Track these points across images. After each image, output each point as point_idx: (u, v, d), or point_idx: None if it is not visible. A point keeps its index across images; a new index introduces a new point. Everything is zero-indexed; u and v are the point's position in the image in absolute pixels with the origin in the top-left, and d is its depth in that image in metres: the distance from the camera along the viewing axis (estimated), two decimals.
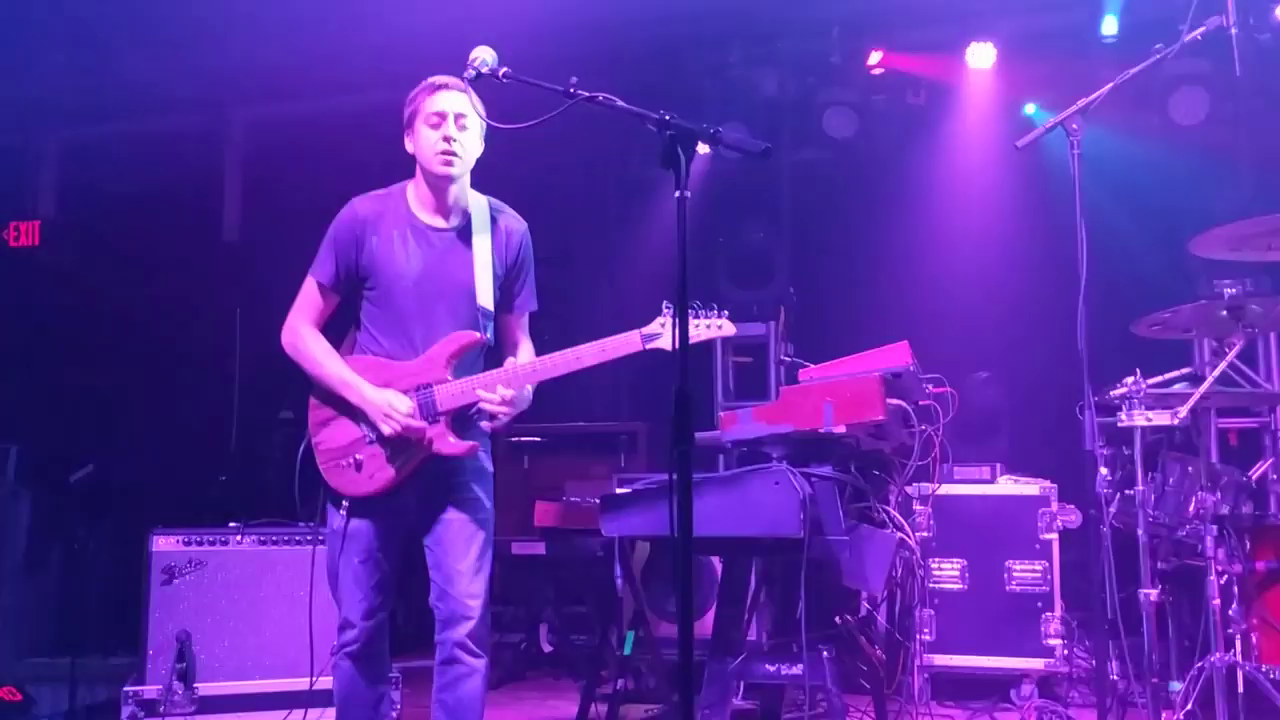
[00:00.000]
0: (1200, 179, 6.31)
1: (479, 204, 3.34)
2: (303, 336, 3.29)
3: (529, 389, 3.27)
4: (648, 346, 3.17)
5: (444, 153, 3.20)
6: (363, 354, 3.29)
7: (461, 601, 3.16)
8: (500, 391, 3.16)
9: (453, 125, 3.20)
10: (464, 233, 3.30)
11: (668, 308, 3.14)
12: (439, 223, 3.29)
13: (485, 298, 3.27)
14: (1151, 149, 6.49)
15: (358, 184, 3.40)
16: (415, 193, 3.31)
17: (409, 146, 3.29)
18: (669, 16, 7.19)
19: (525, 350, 3.38)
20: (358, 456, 3.21)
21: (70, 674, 4.71)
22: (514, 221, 3.39)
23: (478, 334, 3.25)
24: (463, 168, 3.25)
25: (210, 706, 4.59)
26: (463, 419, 3.24)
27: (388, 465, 3.19)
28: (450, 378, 3.20)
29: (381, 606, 3.25)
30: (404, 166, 3.36)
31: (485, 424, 3.29)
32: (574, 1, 6.85)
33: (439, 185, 3.26)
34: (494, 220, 3.34)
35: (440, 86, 3.22)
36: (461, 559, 3.19)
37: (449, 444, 3.19)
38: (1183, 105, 6.24)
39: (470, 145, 3.25)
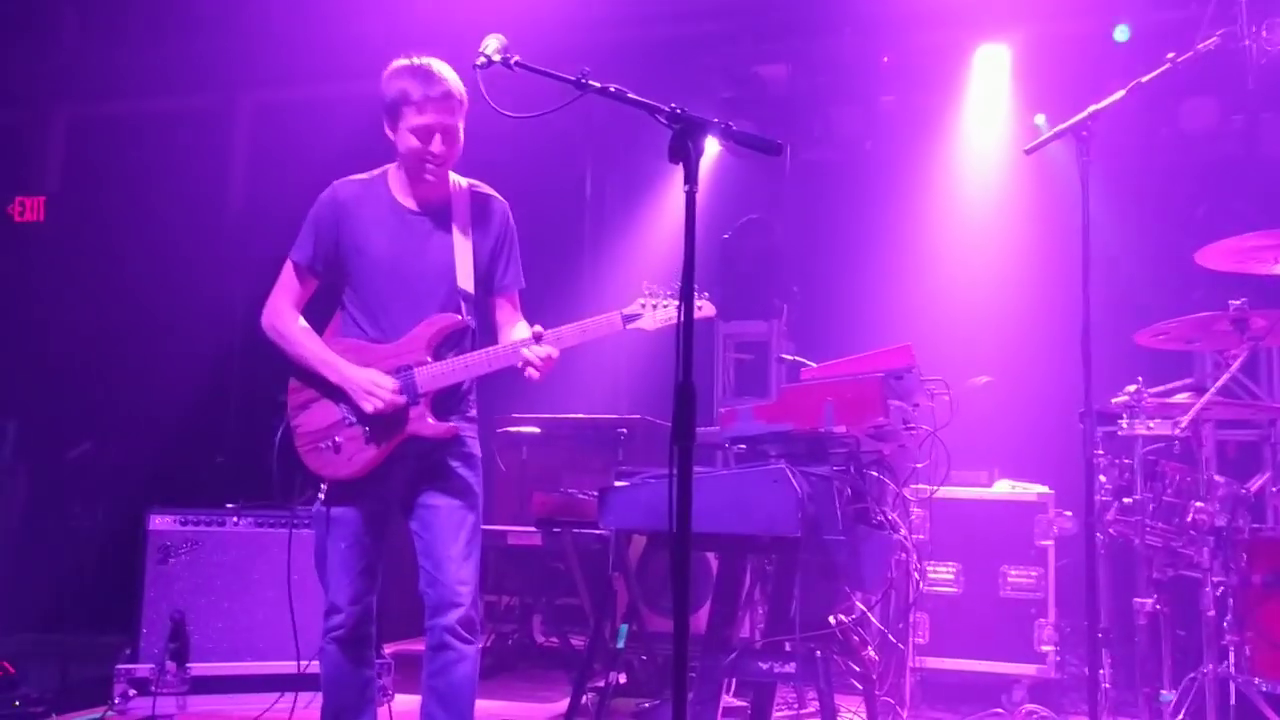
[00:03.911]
0: (1208, 190, 6.31)
1: (459, 186, 3.34)
2: (282, 317, 3.30)
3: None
4: (628, 327, 3.16)
5: (427, 166, 3.19)
6: (345, 337, 3.29)
7: (451, 588, 3.16)
8: (535, 352, 3.12)
9: (438, 142, 3.16)
10: (444, 215, 3.29)
11: (648, 287, 3.15)
12: (420, 206, 3.29)
13: (465, 280, 3.27)
14: (1160, 158, 6.48)
15: (363, 166, 3.40)
16: (396, 177, 3.30)
17: (389, 133, 3.24)
18: (681, 13, 7.19)
19: (520, 329, 3.34)
20: (337, 439, 3.20)
21: (62, 651, 4.71)
22: (494, 201, 3.39)
23: (457, 316, 3.25)
24: (445, 173, 3.25)
25: (202, 687, 4.59)
26: (444, 401, 3.24)
27: (367, 447, 3.19)
28: (430, 360, 3.20)
29: (367, 590, 3.25)
30: None
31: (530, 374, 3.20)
32: None
33: (419, 176, 3.25)
34: (474, 201, 3.34)
35: (424, 100, 3.13)
36: (451, 545, 3.18)
37: (428, 425, 3.19)
38: (1192, 115, 6.24)
39: (454, 151, 3.22)
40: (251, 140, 8.33)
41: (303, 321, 3.31)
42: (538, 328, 3.18)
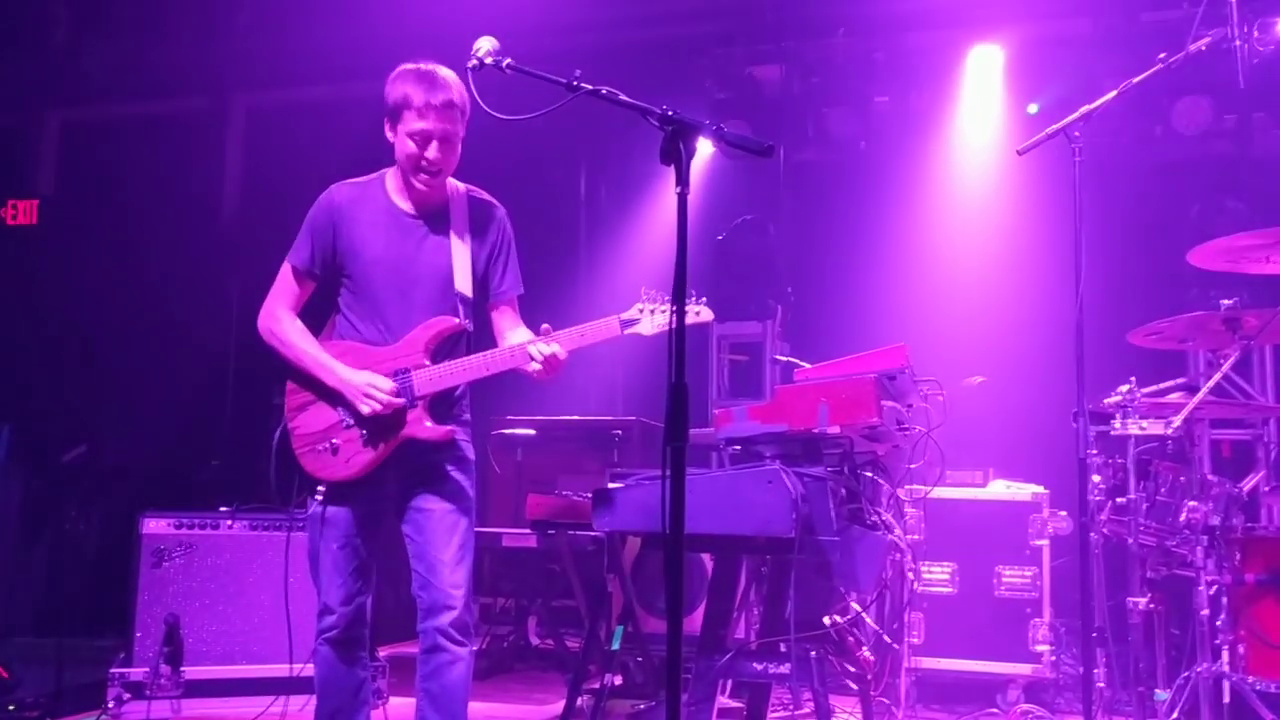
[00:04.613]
0: (1200, 189, 6.32)
1: (457, 191, 3.36)
2: (279, 320, 3.30)
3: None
4: (626, 332, 3.18)
5: (423, 173, 3.20)
6: (341, 340, 3.30)
7: (444, 591, 3.16)
8: (540, 349, 3.12)
9: (434, 149, 3.16)
10: (441, 219, 3.30)
11: (646, 293, 3.17)
12: (417, 210, 3.29)
13: (463, 284, 3.27)
14: (1153, 158, 6.49)
15: (356, 170, 3.40)
16: (394, 181, 3.31)
17: (389, 135, 3.25)
18: (674, 14, 7.19)
19: (521, 333, 3.34)
20: (334, 441, 3.21)
21: (57, 654, 4.71)
22: (492, 207, 3.40)
23: (454, 319, 3.25)
24: (442, 180, 3.25)
25: (197, 690, 4.58)
26: (441, 405, 3.25)
27: (364, 449, 3.19)
28: (428, 363, 3.20)
29: (361, 592, 3.26)
30: None
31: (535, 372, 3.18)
32: None
33: (411, 180, 3.25)
34: (472, 206, 3.35)
35: (425, 106, 3.13)
36: (443, 548, 3.19)
37: (425, 429, 3.19)
38: (1185, 115, 6.25)
39: (451, 160, 3.22)
40: (245, 143, 8.32)
41: (299, 324, 3.31)
42: (546, 326, 3.18)
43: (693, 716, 3.42)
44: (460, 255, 3.28)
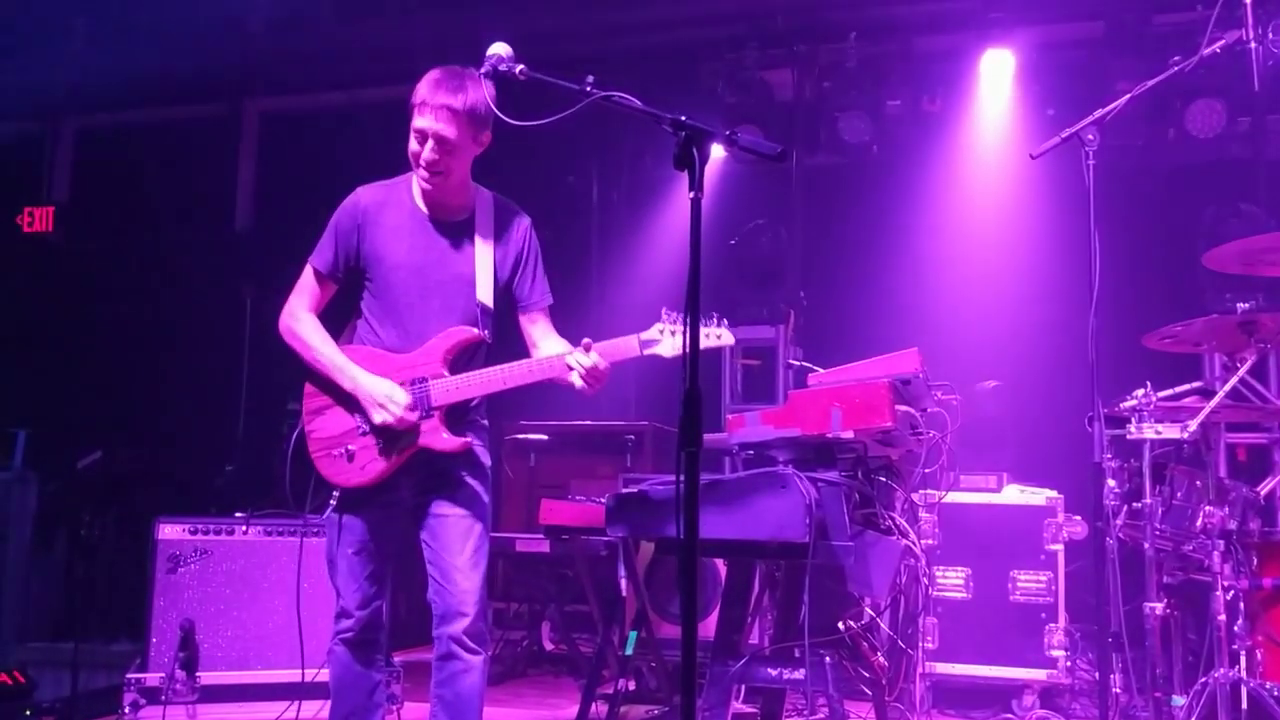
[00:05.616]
0: (1215, 193, 6.29)
1: (483, 198, 3.34)
2: (299, 320, 3.29)
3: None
4: (645, 352, 3.17)
5: (422, 170, 3.19)
6: (360, 344, 3.29)
7: (458, 597, 3.15)
8: (579, 360, 3.10)
9: (430, 148, 3.14)
10: (466, 227, 3.29)
11: (667, 314, 3.14)
12: (441, 216, 3.28)
13: (484, 293, 3.25)
14: (1166, 161, 6.48)
15: (369, 176, 3.40)
16: (419, 185, 3.29)
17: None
18: (686, 19, 7.21)
19: (555, 344, 3.30)
20: (350, 447, 3.20)
21: (73, 659, 4.73)
22: (517, 216, 3.38)
23: (474, 330, 3.23)
24: (443, 181, 3.21)
25: (212, 695, 4.60)
26: (457, 414, 3.24)
27: (379, 457, 3.19)
28: (446, 373, 3.19)
29: (377, 595, 3.27)
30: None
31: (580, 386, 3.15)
32: (591, 2, 6.88)
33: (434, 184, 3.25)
34: (497, 215, 3.33)
35: (423, 104, 3.12)
36: (458, 554, 3.18)
37: (441, 440, 3.18)
38: (1199, 118, 6.23)
39: (453, 160, 3.18)
40: (259, 149, 8.36)
41: (319, 326, 3.30)
42: (587, 340, 3.14)
43: None
44: (483, 264, 3.26)
